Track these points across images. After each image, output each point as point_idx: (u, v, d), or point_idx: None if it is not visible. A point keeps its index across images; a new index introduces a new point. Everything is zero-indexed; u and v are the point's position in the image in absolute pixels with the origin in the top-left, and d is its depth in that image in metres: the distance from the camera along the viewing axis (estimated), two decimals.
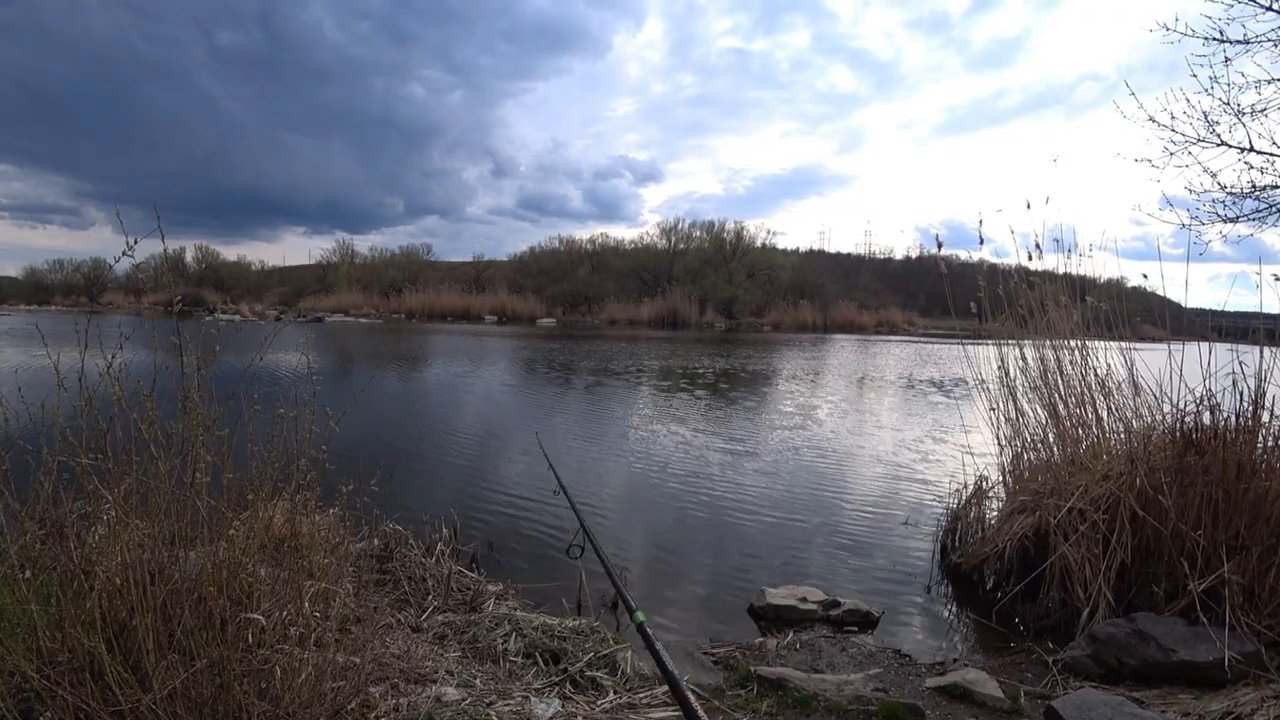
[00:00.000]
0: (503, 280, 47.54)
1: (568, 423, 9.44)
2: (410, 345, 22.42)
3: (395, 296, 45.13)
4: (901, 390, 14.39)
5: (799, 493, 6.26)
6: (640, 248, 50.56)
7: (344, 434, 6.38)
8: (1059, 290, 5.14)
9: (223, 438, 2.78)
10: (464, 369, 15.82)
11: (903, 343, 32.18)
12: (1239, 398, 3.85)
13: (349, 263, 53.19)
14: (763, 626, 3.73)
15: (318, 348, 19.16)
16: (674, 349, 22.48)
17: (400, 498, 5.18)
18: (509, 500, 5.74)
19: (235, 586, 2.29)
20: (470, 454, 7.48)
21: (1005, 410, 5.02)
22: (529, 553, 4.64)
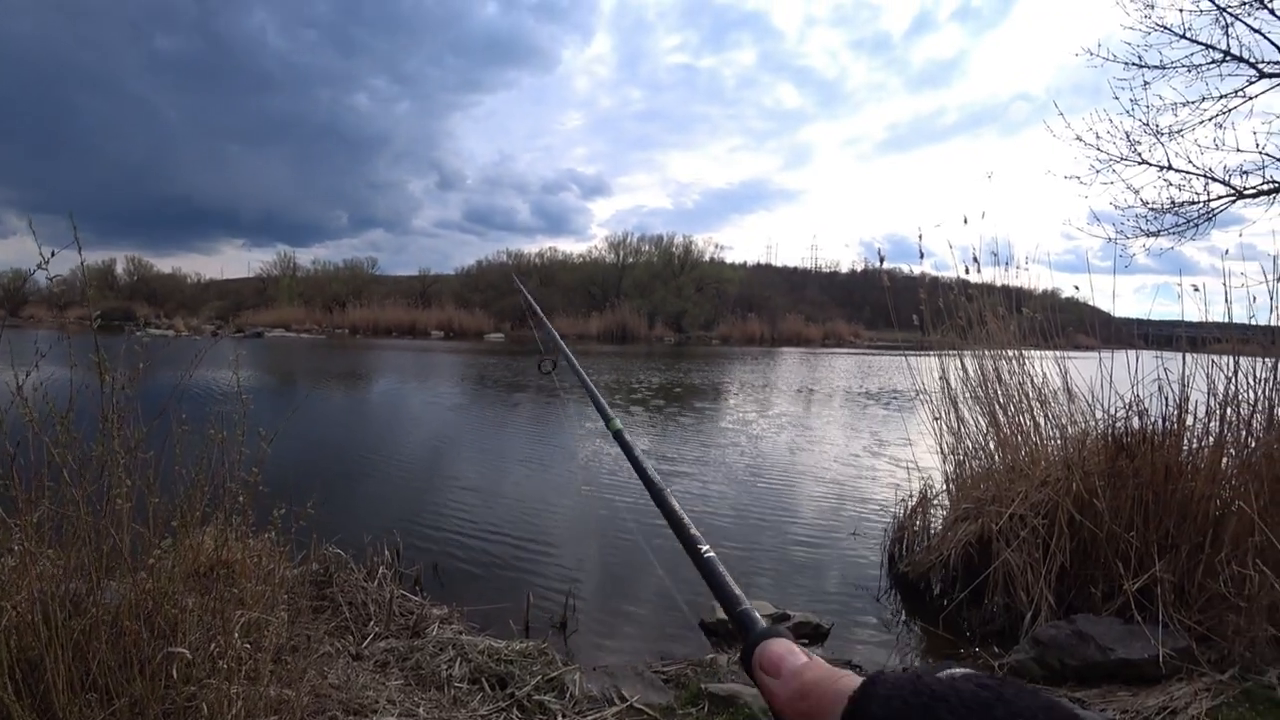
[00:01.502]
0: (449, 295, 46.88)
1: (513, 442, 9.30)
2: (354, 361, 21.87)
3: (339, 311, 44.00)
4: (848, 402, 14.64)
5: (748, 507, 6.27)
6: (588, 262, 50.54)
7: (283, 454, 6.16)
8: (997, 302, 5.29)
9: (148, 460, 2.63)
10: (409, 386, 15.50)
11: (849, 355, 32.82)
12: (1165, 403, 4.01)
13: (290, 276, 51.75)
14: (714, 642, 3.70)
15: (256, 364, 18.52)
16: (623, 363, 22.45)
17: (341, 519, 5.00)
18: (454, 520, 5.60)
19: (160, 618, 2.16)
20: (415, 473, 7.30)
21: (948, 420, 5.13)
22: (475, 574, 4.52)
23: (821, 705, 0.36)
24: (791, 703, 0.38)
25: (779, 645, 0.43)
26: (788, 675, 0.40)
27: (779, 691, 0.40)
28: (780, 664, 0.41)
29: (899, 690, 0.32)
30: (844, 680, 0.36)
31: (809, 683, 0.38)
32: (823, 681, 0.37)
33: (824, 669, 0.39)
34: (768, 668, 0.42)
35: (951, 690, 0.31)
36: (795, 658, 0.42)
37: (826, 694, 0.36)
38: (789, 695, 0.39)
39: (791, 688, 0.39)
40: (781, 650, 0.42)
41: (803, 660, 0.41)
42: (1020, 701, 0.30)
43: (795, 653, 0.42)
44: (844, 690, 0.35)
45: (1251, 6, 5.69)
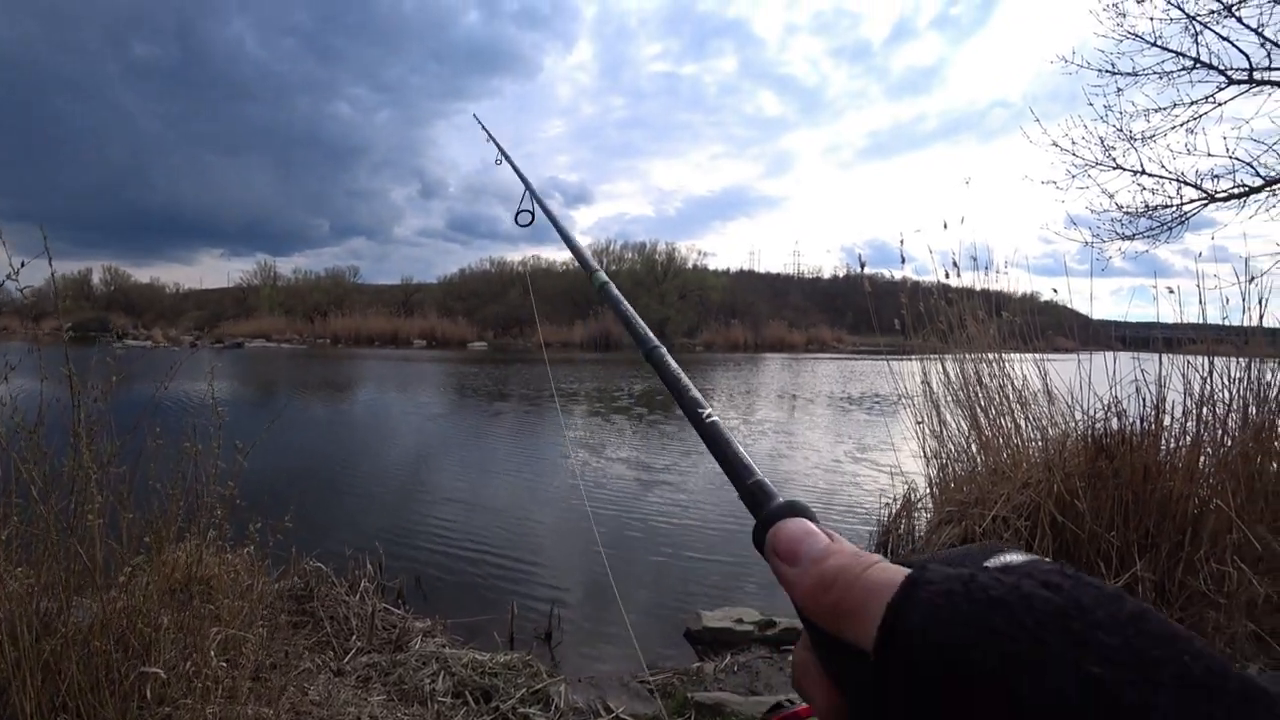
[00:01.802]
0: (432, 303, 46.57)
1: (496, 452, 9.24)
2: (335, 372, 21.68)
3: (320, 320, 43.60)
4: (831, 407, 14.70)
5: (734, 514, 6.26)
6: (572, 269, 50.46)
7: (262, 467, 6.08)
8: (977, 306, 5.34)
9: (121, 474, 2.58)
10: (391, 396, 15.39)
11: (832, 360, 32.99)
12: (1142, 404, 4.06)
13: (271, 286, 51.24)
14: (700, 650, 3.68)
15: (235, 375, 18.30)
16: (607, 371, 22.43)
17: (323, 533, 4.94)
18: (438, 532, 5.55)
19: (133, 637, 2.11)
20: (397, 485, 7.23)
21: (930, 423, 5.16)
22: (458, 585, 4.48)
23: (849, 600, 0.30)
24: (813, 595, 0.33)
25: (796, 525, 0.37)
26: (807, 561, 0.34)
27: (798, 581, 0.34)
28: (798, 548, 0.35)
29: (950, 597, 0.27)
30: (874, 572, 0.31)
31: (832, 571, 0.32)
32: (848, 570, 0.32)
33: (849, 554, 0.33)
34: (784, 553, 0.36)
35: (1016, 595, 0.26)
36: (815, 540, 0.35)
37: (854, 588, 0.31)
38: (810, 586, 0.33)
39: (811, 577, 0.33)
40: (798, 531, 0.36)
41: (824, 543, 0.35)
42: (1101, 610, 0.25)
43: (815, 534, 0.36)
44: (876, 585, 0.30)
45: (1220, 15, 5.80)
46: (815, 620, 0.32)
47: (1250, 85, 5.97)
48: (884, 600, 0.28)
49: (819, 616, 0.32)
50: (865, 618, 0.29)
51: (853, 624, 0.30)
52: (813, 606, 0.33)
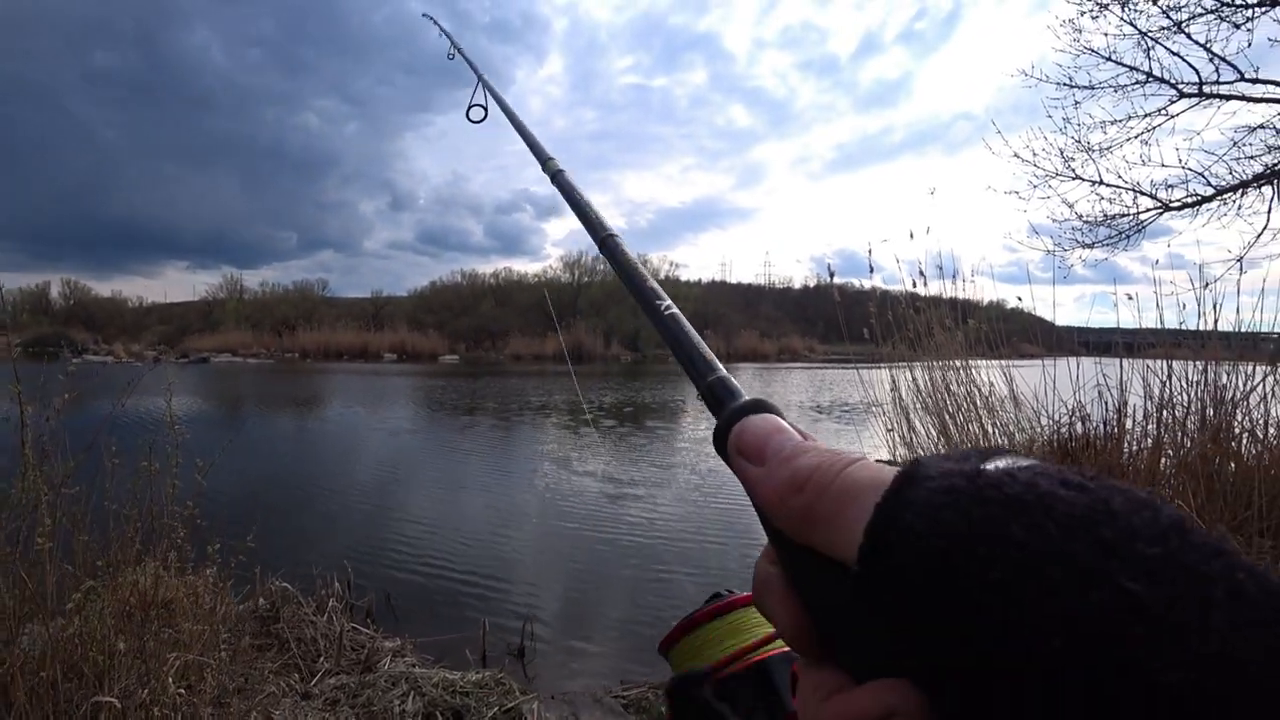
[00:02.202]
0: (402, 317, 46.17)
1: (467, 467, 9.14)
2: (302, 387, 21.34)
3: (288, 335, 42.96)
4: (803, 416, 14.79)
5: (710, 524, 6.26)
6: (544, 282, 50.45)
7: (226, 486, 5.95)
8: (944, 314, 5.42)
9: (75, 495, 2.50)
10: (360, 411, 15.17)
11: (803, 369, 33.27)
12: (1105, 408, 4.15)
13: (237, 299, 50.42)
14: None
15: (199, 391, 17.92)
16: (581, 383, 22.36)
17: (289, 552, 4.83)
18: (408, 549, 5.45)
19: (86, 665, 2.03)
20: (366, 502, 7.10)
21: (900, 430, 5.21)
22: (429, 603, 4.40)
23: (824, 503, 0.26)
24: (781, 496, 0.28)
25: (763, 421, 0.32)
26: (776, 460, 0.30)
27: (765, 484, 0.29)
28: (765, 444, 0.31)
29: (953, 495, 0.22)
30: (856, 470, 0.27)
31: (805, 469, 0.28)
32: (825, 468, 0.27)
33: (825, 452, 0.29)
34: (749, 451, 0.31)
35: (1033, 494, 0.21)
36: (785, 436, 0.31)
37: (831, 488, 0.26)
38: (778, 486, 0.29)
39: (781, 476, 0.29)
40: (767, 426, 0.32)
41: (795, 439, 0.31)
42: (1136, 516, 0.21)
43: (786, 430, 0.31)
44: (858, 484, 0.26)
45: (1170, 31, 6.00)
46: (783, 527, 0.28)
47: (1200, 98, 6.17)
48: (869, 502, 0.24)
49: (787, 522, 0.28)
50: (843, 523, 0.25)
51: (828, 530, 0.26)
52: (781, 510, 0.28)
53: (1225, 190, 6.26)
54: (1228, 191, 6.25)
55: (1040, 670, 0.19)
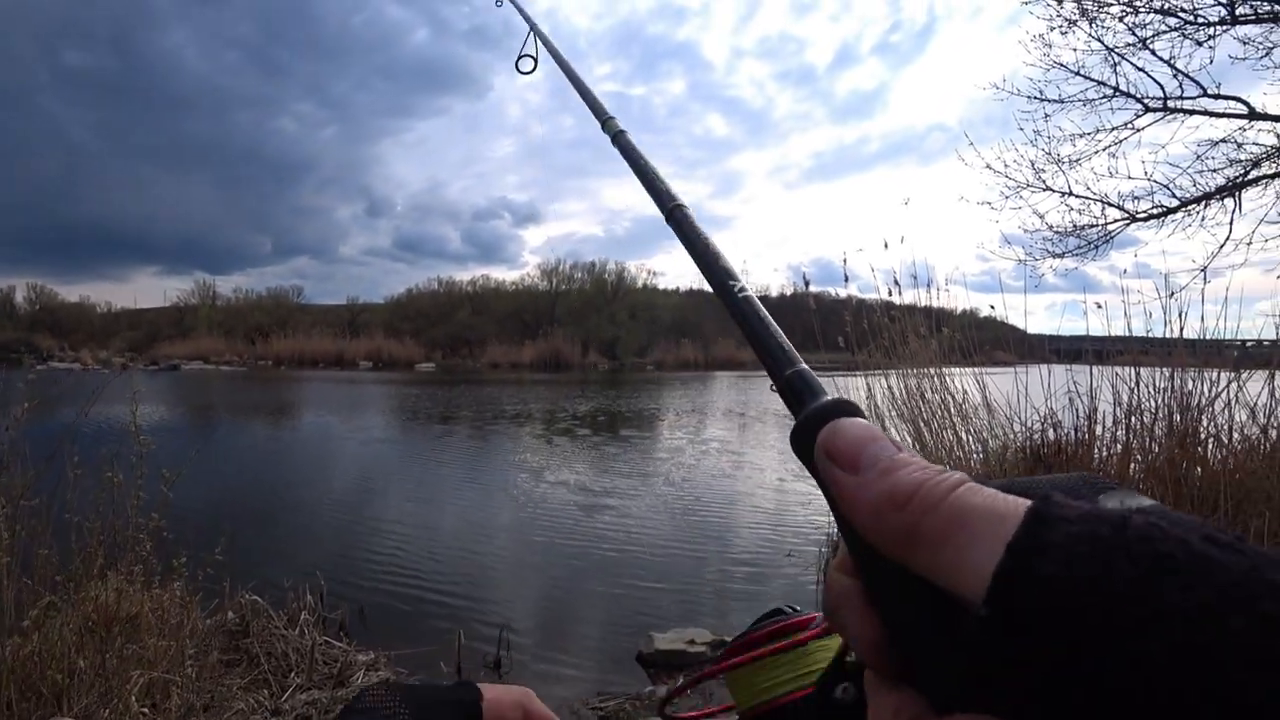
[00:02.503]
0: (378, 324, 45.73)
1: (443, 477, 9.04)
2: (276, 395, 21.02)
3: (262, 342, 42.32)
4: (781, 424, 14.84)
5: (686, 533, 6.25)
6: (521, 289, 50.24)
7: (197, 497, 5.84)
8: (918, 323, 5.47)
9: (36, 508, 2.43)
10: (334, 420, 14.97)
11: None
12: (1076, 414, 4.22)
13: (209, 305, 49.59)
14: (652, 674, 3.63)
15: (169, 399, 17.57)
16: (558, 392, 22.30)
17: (260, 564, 4.74)
18: (382, 560, 5.38)
19: (43, 684, 1.97)
20: (340, 513, 7.00)
21: None
22: (404, 615, 4.33)
23: (930, 525, 0.24)
24: (878, 510, 0.26)
25: (858, 426, 0.29)
26: (872, 469, 0.27)
27: (859, 495, 0.27)
28: (860, 451, 0.28)
29: (1099, 546, 0.20)
30: (967, 494, 0.24)
31: (907, 485, 0.26)
32: (932, 488, 0.25)
33: (928, 468, 0.26)
34: (841, 456, 0.28)
35: (1186, 553, 0.19)
36: (883, 445, 0.28)
37: (940, 510, 0.24)
38: (875, 499, 0.26)
39: (879, 489, 0.26)
40: (862, 433, 0.29)
41: (893, 449, 0.28)
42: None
43: (882, 439, 0.29)
44: (974, 511, 0.23)
45: (1135, 47, 6.17)
46: (874, 542, 0.26)
47: (1165, 113, 6.33)
48: (985, 534, 0.22)
49: (883, 539, 0.26)
50: (952, 551, 0.23)
51: (932, 555, 0.24)
52: (875, 525, 0.26)
53: (1189, 202, 6.41)
54: (1192, 203, 6.40)
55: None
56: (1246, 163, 6.20)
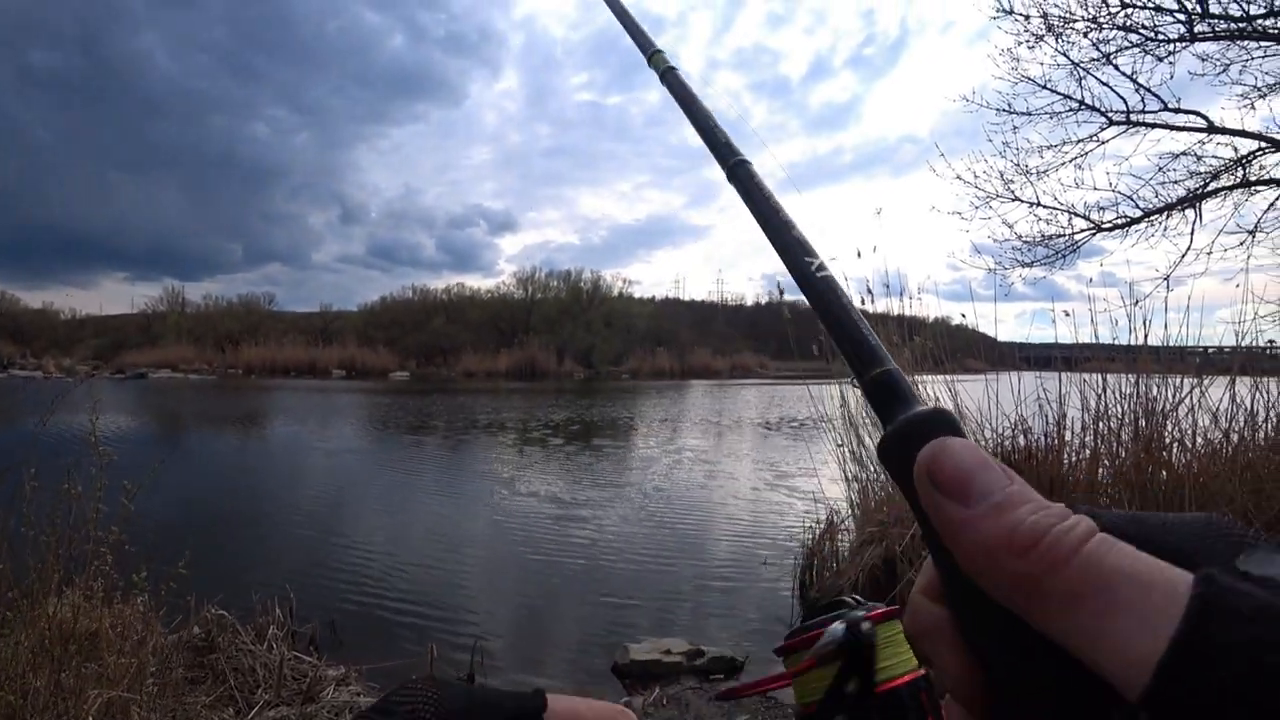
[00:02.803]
0: (352, 332, 45.14)
1: (421, 484, 8.95)
2: (246, 404, 20.66)
3: (232, 350, 41.54)
4: (756, 432, 14.92)
5: (661, 544, 6.23)
6: (497, 298, 50.00)
7: (162, 509, 5.70)
8: (891, 331, 5.53)
9: None
10: (306, 430, 14.75)
11: (756, 385, 33.61)
12: (1046, 420, 4.28)
13: (179, 312, 48.61)
14: (628, 685, 3.60)
15: (135, 408, 17.18)
16: (533, 401, 22.19)
17: (227, 577, 4.62)
18: (353, 573, 5.29)
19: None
20: (310, 525, 6.87)
21: (850, 446, 5.28)
22: (375, 629, 4.26)
23: (1057, 581, 0.21)
24: (993, 553, 0.23)
25: (966, 450, 0.26)
26: (986, 504, 0.24)
27: (968, 530, 0.24)
28: (970, 481, 0.25)
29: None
30: (1101, 550, 0.22)
31: (1030, 531, 0.23)
32: (1060, 539, 0.22)
33: (1049, 510, 0.23)
34: (948, 483, 0.25)
35: None
36: (995, 475, 0.25)
37: (1070, 567, 0.22)
38: (989, 540, 0.23)
39: (995, 530, 0.23)
40: (972, 459, 0.25)
41: (1005, 483, 0.25)
42: None
43: (993, 466, 0.25)
44: (1108, 573, 0.21)
45: (1100, 62, 6.34)
46: (984, 585, 0.24)
47: (1128, 126, 6.49)
48: (1137, 608, 0.20)
49: (994, 583, 0.23)
50: (1093, 620, 0.20)
51: (1063, 619, 0.21)
52: (988, 568, 0.24)
53: (1152, 212, 6.58)
54: (1154, 214, 6.57)
55: None
56: (1206, 175, 6.38)
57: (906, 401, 0.29)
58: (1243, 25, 5.75)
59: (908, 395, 0.30)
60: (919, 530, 0.28)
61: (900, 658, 0.40)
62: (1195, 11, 5.81)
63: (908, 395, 0.30)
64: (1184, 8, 5.83)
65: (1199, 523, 0.24)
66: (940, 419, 0.28)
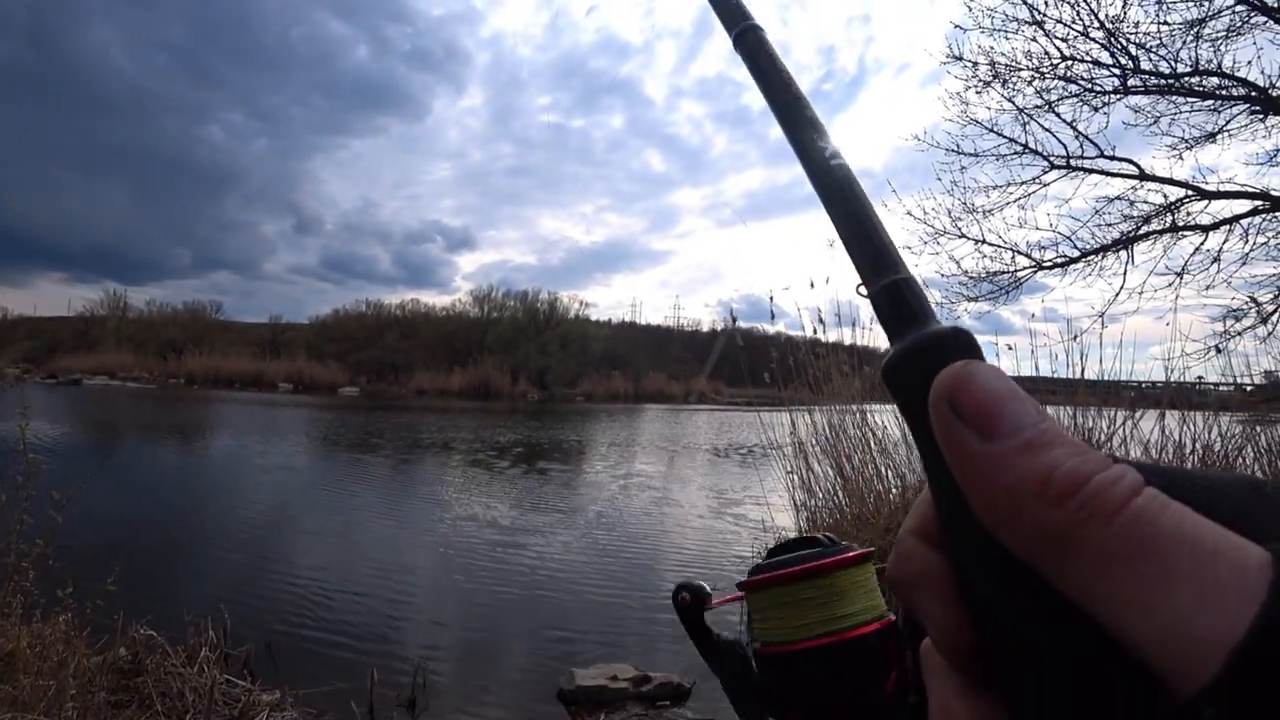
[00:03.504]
0: (301, 344, 44.04)
1: (365, 505, 8.71)
2: (187, 415, 19.95)
3: (175, 359, 40.08)
4: (708, 458, 14.98)
5: (610, 569, 6.19)
6: (452, 315, 49.43)
7: (90, 522, 5.47)
8: (842, 360, 5.65)
9: None
10: (248, 444, 14.29)
11: (709, 411, 33.81)
12: None
13: (119, 317, 46.66)
14: (574, 711, 3.55)
15: (69, 416, 16.41)
16: (485, 421, 21.93)
17: (158, 596, 4.45)
18: (292, 592, 5.12)
19: None
20: (248, 542, 6.64)
21: (799, 472, 5.36)
22: (314, 651, 4.13)
23: (1097, 537, 0.18)
24: (1019, 497, 0.20)
25: (995, 377, 0.22)
26: (1015, 440, 0.20)
27: (990, 468, 0.20)
28: (998, 412, 0.21)
29: None
30: (1153, 507, 0.18)
31: (1069, 475, 0.19)
32: (1107, 488, 0.19)
33: (1088, 453, 0.20)
34: (971, 412, 0.21)
35: None
36: (1025, 406, 0.21)
37: (1116, 523, 0.18)
38: (1018, 482, 0.20)
39: (1025, 469, 0.20)
40: (1000, 388, 0.21)
41: (1037, 418, 0.21)
42: None
43: (1024, 398, 0.21)
44: (1162, 537, 0.18)
45: (1042, 110, 6.67)
46: (1000, 532, 0.20)
47: (1068, 170, 6.83)
48: (1196, 579, 0.17)
49: (1015, 533, 0.20)
50: (1140, 589, 0.17)
51: (1098, 582, 0.18)
52: (1009, 514, 0.20)
53: (1089, 253, 6.90)
54: (1091, 254, 6.89)
55: None
56: (1138, 219, 6.73)
57: (922, 318, 0.26)
58: (1171, 81, 6.12)
59: (924, 311, 0.27)
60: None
61: (870, 602, 0.40)
62: (1129, 67, 6.17)
63: (924, 311, 0.27)
64: (1118, 63, 6.20)
65: (1243, 486, 0.21)
66: (963, 339, 0.24)
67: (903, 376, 0.24)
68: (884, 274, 0.28)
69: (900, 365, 0.25)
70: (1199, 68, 5.93)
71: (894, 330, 0.26)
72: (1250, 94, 5.93)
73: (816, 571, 0.40)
